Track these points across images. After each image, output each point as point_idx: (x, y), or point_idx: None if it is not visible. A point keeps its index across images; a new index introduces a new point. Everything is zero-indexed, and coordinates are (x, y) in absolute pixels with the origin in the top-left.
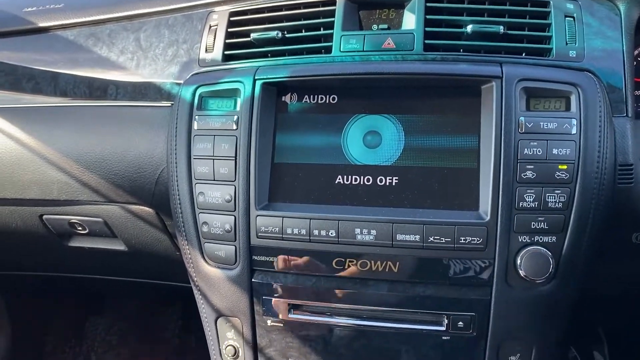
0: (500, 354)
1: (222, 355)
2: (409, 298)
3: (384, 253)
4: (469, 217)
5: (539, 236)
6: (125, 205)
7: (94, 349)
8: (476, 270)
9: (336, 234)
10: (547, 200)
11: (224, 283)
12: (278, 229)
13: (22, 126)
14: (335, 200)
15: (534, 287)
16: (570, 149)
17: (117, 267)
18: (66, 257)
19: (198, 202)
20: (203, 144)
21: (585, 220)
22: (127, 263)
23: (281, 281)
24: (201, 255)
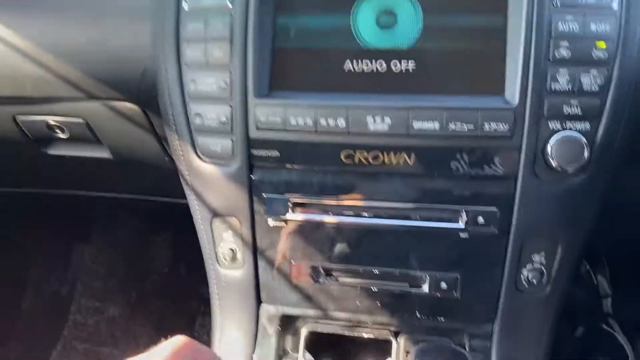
0: (523, 253)
1: (218, 259)
2: (424, 192)
3: (398, 144)
4: (494, 102)
5: (572, 122)
6: (109, 102)
7: (80, 277)
8: (501, 160)
9: (346, 123)
10: (582, 82)
11: (220, 180)
12: (280, 119)
13: None
14: (345, 88)
15: (564, 179)
16: (610, 24)
17: (104, 180)
18: (47, 168)
19: (189, 91)
20: (194, 25)
21: (623, 105)
22: (114, 175)
23: (283, 177)
24: (194, 150)
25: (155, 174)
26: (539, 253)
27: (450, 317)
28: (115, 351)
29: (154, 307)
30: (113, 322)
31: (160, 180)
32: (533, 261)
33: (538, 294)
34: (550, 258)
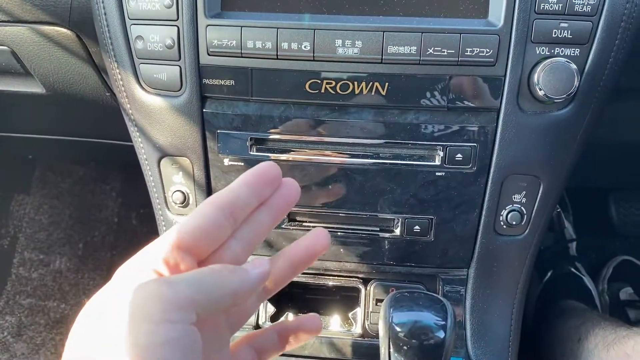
0: (503, 193)
1: (167, 203)
2: (398, 127)
3: (370, 71)
4: (477, 25)
5: (560, 48)
6: (37, 27)
7: (22, 229)
8: (482, 90)
9: (311, 46)
10: (573, 2)
11: (168, 114)
12: (235, 42)
13: None
14: (309, 7)
15: (550, 111)
16: None
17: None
18: None
19: (129, 10)
20: None
21: (616, 29)
22: (50, 114)
23: (240, 110)
24: (136, 80)
25: (95, 112)
26: (519, 193)
27: (423, 263)
28: (63, 305)
29: (104, 259)
30: (60, 275)
31: (101, 119)
32: (513, 201)
33: (516, 237)
34: (531, 197)
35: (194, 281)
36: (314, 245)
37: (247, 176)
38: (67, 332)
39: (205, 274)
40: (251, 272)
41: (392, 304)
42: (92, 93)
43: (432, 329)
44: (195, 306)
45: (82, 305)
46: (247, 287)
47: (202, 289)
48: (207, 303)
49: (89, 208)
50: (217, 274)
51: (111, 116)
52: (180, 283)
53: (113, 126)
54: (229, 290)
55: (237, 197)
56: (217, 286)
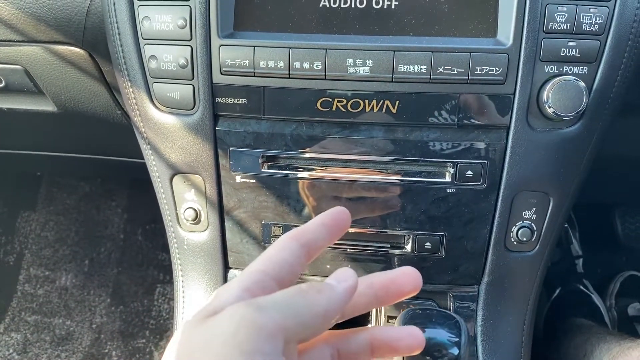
0: (513, 209)
1: (179, 221)
2: (408, 144)
3: (381, 90)
4: (486, 44)
5: (569, 66)
6: (50, 46)
7: (28, 246)
8: (492, 108)
9: (322, 66)
10: (581, 21)
11: (181, 132)
12: (248, 62)
13: None
14: (320, 27)
15: (559, 128)
16: None
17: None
18: None
19: (143, 30)
20: None
21: (623, 48)
22: (60, 131)
23: (252, 128)
24: (149, 98)
25: (105, 130)
26: (529, 209)
27: (435, 279)
28: (68, 322)
29: (110, 275)
30: (65, 292)
31: (111, 136)
32: (524, 218)
33: (526, 253)
34: (541, 214)
35: (285, 304)
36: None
37: (325, 218)
38: (73, 349)
39: (293, 294)
40: (338, 287)
41: (405, 321)
42: (103, 111)
43: (446, 345)
44: (285, 332)
45: (87, 322)
46: (336, 305)
47: (292, 312)
48: (297, 328)
49: (94, 224)
50: (304, 294)
51: (121, 133)
52: (272, 308)
53: (122, 143)
54: (318, 310)
55: (316, 237)
56: (307, 308)
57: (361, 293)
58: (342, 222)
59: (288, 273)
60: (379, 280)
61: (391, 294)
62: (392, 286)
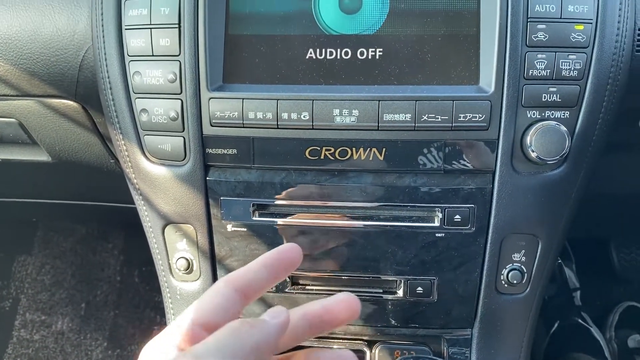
0: (503, 252)
1: (172, 270)
2: (396, 190)
3: (368, 138)
4: (468, 92)
5: (550, 111)
6: (44, 100)
7: (24, 290)
8: (477, 153)
9: (310, 116)
10: (560, 68)
11: (172, 183)
12: (237, 114)
13: None
14: (307, 78)
15: (543, 171)
16: (588, 6)
17: (43, 185)
18: None
19: (134, 85)
20: (137, 10)
21: (603, 91)
22: (54, 180)
23: (243, 177)
24: (141, 151)
25: (99, 177)
26: (518, 251)
27: (427, 323)
28: None
29: (106, 318)
30: (62, 336)
31: (105, 183)
32: (513, 260)
33: (518, 295)
34: (530, 256)
35: (219, 347)
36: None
37: (267, 259)
38: None
39: (226, 335)
40: (270, 322)
41: None
42: (97, 160)
43: None
44: None
45: None
46: (270, 338)
47: (229, 351)
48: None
49: (91, 267)
50: (238, 332)
51: (114, 180)
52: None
53: (116, 190)
54: (252, 345)
55: (254, 279)
56: (241, 345)
57: (296, 325)
58: (288, 261)
59: (223, 318)
60: (312, 311)
61: (326, 322)
62: (326, 315)
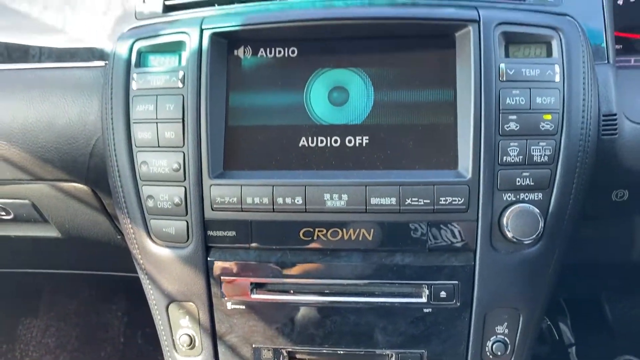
0: (486, 325)
1: (175, 346)
2: (385, 268)
3: (357, 220)
4: (448, 176)
5: (525, 193)
6: (56, 184)
7: (29, 353)
8: (458, 233)
9: (303, 201)
10: (532, 154)
11: (175, 264)
12: (236, 199)
13: None
14: (300, 165)
15: (521, 249)
16: (554, 98)
17: (51, 257)
18: None
19: (141, 173)
20: (144, 106)
21: (572, 174)
22: (62, 252)
23: (241, 258)
24: (147, 233)
25: (105, 250)
26: (501, 324)
27: None
28: None
29: None
30: None
31: (111, 255)
32: (497, 333)
33: None
34: (512, 328)
35: None
36: None
37: None
38: None
39: None
40: None
41: None
42: (104, 236)
43: None
44: None
45: None
46: None
47: None
48: None
49: (95, 328)
50: None
51: (120, 253)
52: None
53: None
54: None
55: None
56: None
57: None
58: None
59: None
60: None
61: None
62: None
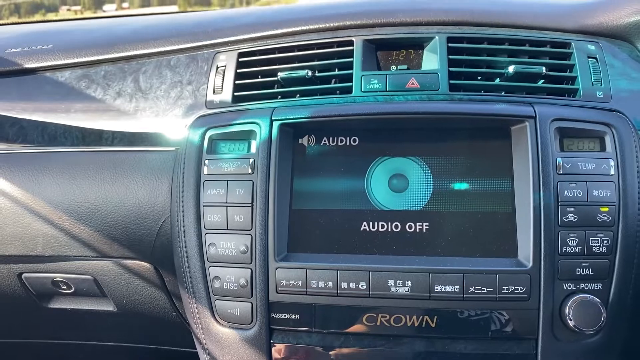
0: None
1: None
2: (448, 356)
3: (420, 307)
4: (509, 265)
5: (585, 283)
6: (120, 261)
7: None
8: (520, 321)
9: (367, 286)
10: (590, 245)
11: (239, 345)
12: (301, 282)
13: (3, 173)
14: (362, 249)
15: (582, 339)
16: (610, 190)
17: (102, 329)
18: (41, 320)
19: (209, 255)
20: (215, 190)
21: (631, 264)
22: (114, 325)
23: (304, 341)
24: (212, 314)
25: (159, 325)
26: None
27: None
28: None
29: None
30: None
31: (164, 329)
32: None
33: None
34: None
35: None
36: None
37: None
38: None
39: None
40: None
41: None
42: (160, 312)
43: None
44: None
45: None
46: None
47: None
48: None
49: None
50: None
51: (171, 328)
52: None
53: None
54: None
55: None
56: None
57: None
58: None
59: None
60: None
61: None
62: None
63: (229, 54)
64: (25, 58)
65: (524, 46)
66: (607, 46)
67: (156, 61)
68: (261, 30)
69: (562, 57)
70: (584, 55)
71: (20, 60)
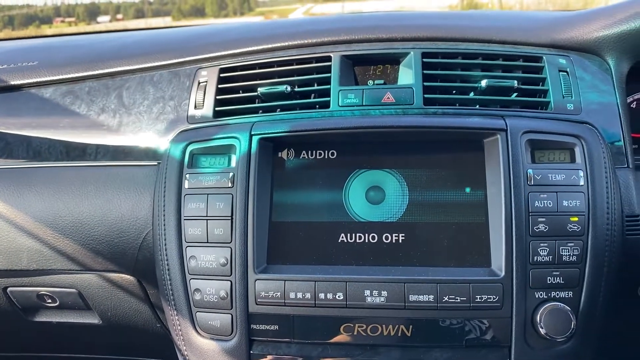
0: None
1: None
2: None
3: (396, 316)
4: (482, 274)
5: (556, 291)
6: (104, 274)
7: None
8: (494, 330)
9: (344, 296)
10: (561, 254)
11: (219, 356)
12: (280, 294)
13: None
14: (340, 260)
15: (554, 346)
16: (580, 201)
17: (87, 342)
18: (27, 333)
19: (189, 267)
20: (195, 204)
21: (600, 272)
22: (99, 338)
23: (284, 352)
24: (192, 326)
25: (143, 337)
26: None
27: None
28: None
29: None
30: None
31: (147, 341)
32: None
33: None
34: None
35: None
36: None
37: None
38: None
39: None
40: None
41: None
42: (144, 324)
43: None
44: None
45: None
46: None
47: None
48: None
49: None
50: None
51: (154, 339)
52: None
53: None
54: None
55: None
56: None
57: None
58: None
59: None
60: None
61: None
62: None
63: (210, 70)
64: (10, 75)
65: (497, 60)
66: (577, 60)
67: (139, 77)
68: (242, 46)
69: (534, 71)
70: (555, 68)
71: (5, 76)
